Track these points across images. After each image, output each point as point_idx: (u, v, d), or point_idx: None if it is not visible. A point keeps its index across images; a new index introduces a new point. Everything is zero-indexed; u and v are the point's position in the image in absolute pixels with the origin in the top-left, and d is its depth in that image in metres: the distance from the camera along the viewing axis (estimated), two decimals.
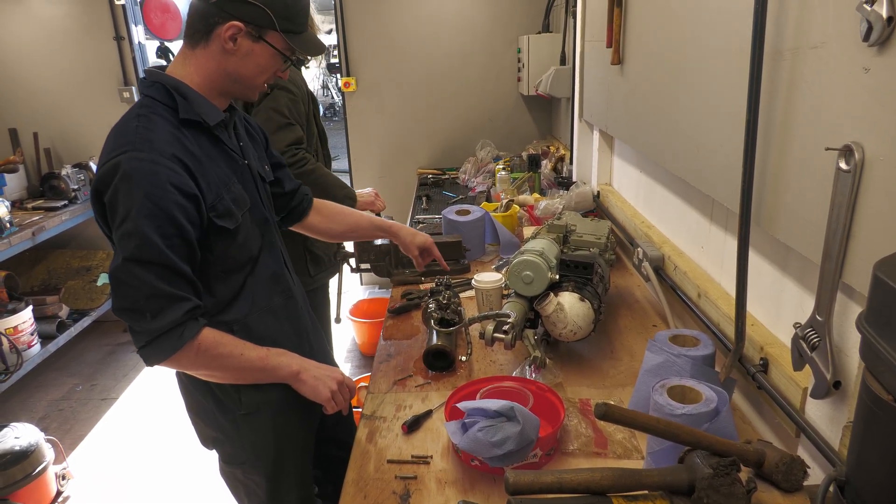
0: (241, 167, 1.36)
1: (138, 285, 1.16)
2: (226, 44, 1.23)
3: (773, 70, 1.11)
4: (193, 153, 1.23)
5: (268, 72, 1.30)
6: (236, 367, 1.29)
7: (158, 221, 1.15)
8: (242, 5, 1.20)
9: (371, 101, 4.31)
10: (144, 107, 1.24)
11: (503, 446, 1.14)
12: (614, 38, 2.06)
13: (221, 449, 1.51)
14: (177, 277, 1.19)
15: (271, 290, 1.42)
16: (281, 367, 1.34)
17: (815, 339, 1.00)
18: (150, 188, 1.14)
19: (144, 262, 1.15)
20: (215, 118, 1.29)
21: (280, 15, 1.23)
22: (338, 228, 1.75)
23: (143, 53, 4.29)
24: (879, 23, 0.81)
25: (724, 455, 0.89)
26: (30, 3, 4.07)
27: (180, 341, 1.19)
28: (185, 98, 1.25)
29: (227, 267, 1.32)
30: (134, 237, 1.14)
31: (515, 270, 1.57)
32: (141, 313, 1.17)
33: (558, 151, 3.58)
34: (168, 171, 1.16)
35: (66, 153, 4.36)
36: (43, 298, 3.86)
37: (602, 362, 1.62)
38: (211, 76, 1.27)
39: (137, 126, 1.20)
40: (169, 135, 1.21)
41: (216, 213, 1.25)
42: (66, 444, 3.12)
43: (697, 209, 1.72)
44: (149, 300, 1.16)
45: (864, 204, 0.89)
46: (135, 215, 1.14)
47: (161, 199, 1.15)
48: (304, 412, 1.50)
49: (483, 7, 4.13)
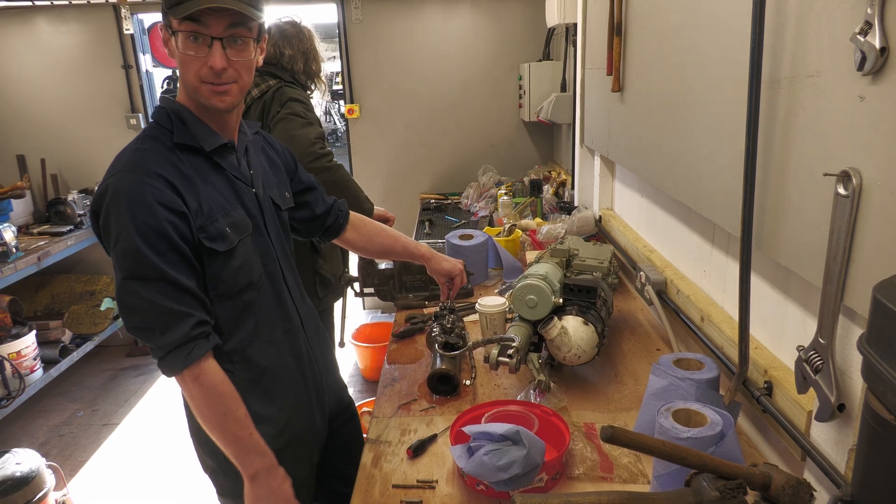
0: (244, 192, 1.35)
1: (142, 303, 1.17)
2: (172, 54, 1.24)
3: (770, 98, 1.14)
4: (186, 175, 1.24)
5: (188, 63, 1.20)
6: (216, 422, 1.25)
7: (149, 238, 1.16)
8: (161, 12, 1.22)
9: (374, 128, 4.37)
10: (147, 131, 1.28)
11: (509, 470, 1.14)
12: (614, 65, 2.10)
13: (216, 480, 1.48)
14: (179, 292, 1.20)
15: (272, 320, 1.41)
16: (245, 461, 1.28)
17: (819, 361, 1.01)
18: (137, 206, 1.16)
19: (143, 279, 1.17)
20: (213, 143, 1.29)
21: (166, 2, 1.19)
22: (371, 248, 1.77)
23: (150, 81, 4.36)
24: (873, 53, 0.84)
25: (731, 478, 0.89)
26: (41, 33, 4.15)
27: (188, 360, 1.20)
28: (183, 122, 1.27)
29: (221, 292, 1.30)
30: (129, 255, 1.16)
31: (519, 294, 1.58)
32: (151, 330, 1.19)
33: (560, 176, 3.61)
34: (152, 190, 1.18)
35: (72, 179, 4.41)
36: (46, 323, 3.87)
37: (606, 386, 1.62)
38: (183, 93, 1.29)
39: (134, 149, 1.23)
40: (161, 157, 1.23)
41: (206, 234, 1.25)
42: (66, 470, 3.10)
43: (699, 233, 1.74)
44: (156, 317, 1.18)
45: (863, 228, 0.91)
46: (126, 234, 1.15)
47: (148, 216, 1.16)
48: (304, 451, 1.49)
49: (485, 35, 4.21)
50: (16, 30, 4.15)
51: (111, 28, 4.13)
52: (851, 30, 0.88)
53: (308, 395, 1.50)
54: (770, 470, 0.96)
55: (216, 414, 1.24)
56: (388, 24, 4.17)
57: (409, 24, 4.19)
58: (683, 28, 1.55)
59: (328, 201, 1.68)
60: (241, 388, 1.33)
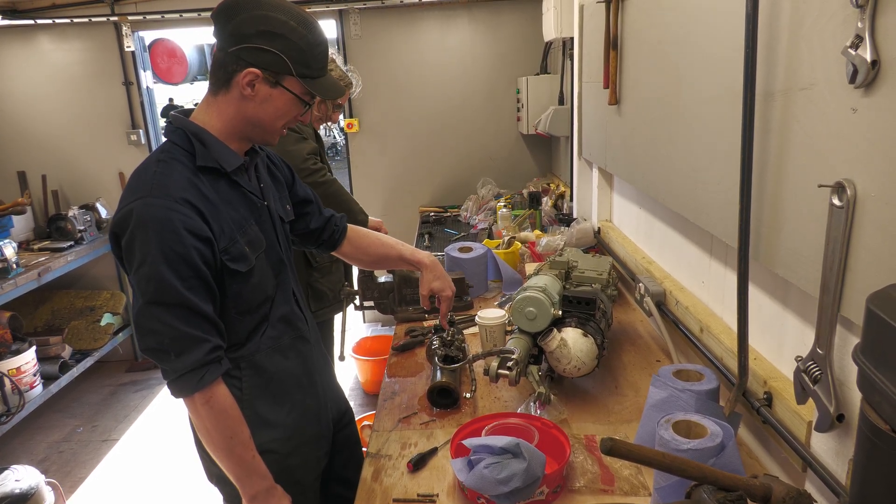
0: (259, 208, 1.39)
1: (160, 328, 1.19)
2: (244, 90, 1.26)
3: (765, 110, 1.15)
4: (208, 198, 1.27)
5: (286, 116, 1.32)
6: (222, 445, 1.27)
7: (175, 265, 1.18)
8: (259, 53, 1.24)
9: (374, 141, 4.39)
10: (165, 152, 1.28)
11: (509, 483, 1.14)
12: (611, 79, 2.12)
13: (223, 488, 1.49)
14: (198, 318, 1.22)
15: (282, 329, 1.44)
16: (247, 483, 1.31)
17: (817, 372, 1.01)
18: (165, 233, 1.18)
19: (165, 304, 1.19)
20: (233, 164, 1.32)
21: (296, 60, 1.26)
22: (367, 259, 1.77)
23: (151, 98, 4.39)
24: (864, 66, 0.85)
25: (731, 490, 0.89)
26: (42, 51, 4.19)
27: (200, 384, 1.22)
28: (203, 145, 1.29)
29: (242, 308, 1.34)
30: (153, 281, 1.18)
31: (518, 307, 1.59)
32: (166, 353, 1.20)
33: (558, 189, 3.62)
34: (181, 216, 1.20)
35: (73, 195, 4.43)
36: (46, 339, 3.87)
37: (607, 398, 1.62)
38: (231, 121, 1.31)
39: (156, 171, 1.24)
40: (185, 180, 1.24)
41: (229, 256, 1.28)
42: (66, 486, 3.08)
43: (697, 245, 1.75)
44: (173, 341, 1.20)
45: (858, 238, 0.92)
46: (151, 260, 1.17)
47: (176, 244, 1.18)
48: (311, 456, 1.51)
49: (483, 49, 4.24)
50: (18, 48, 4.19)
51: (112, 45, 4.17)
52: (843, 43, 0.89)
53: (315, 401, 1.52)
54: (770, 481, 0.96)
55: (223, 437, 1.26)
56: (386, 39, 4.21)
57: (408, 38, 4.22)
58: (679, 42, 1.57)
59: (325, 214, 1.69)
60: (250, 394, 1.37)
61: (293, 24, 1.24)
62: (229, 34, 1.24)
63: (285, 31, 1.23)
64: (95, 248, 4.14)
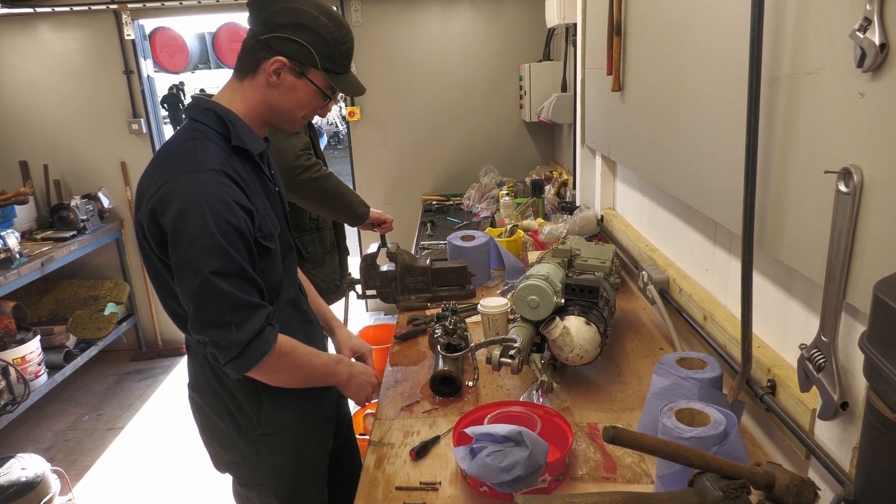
0: (273, 194, 1.43)
1: (223, 299, 1.21)
2: (270, 77, 1.31)
3: (770, 96, 1.14)
4: (242, 176, 1.30)
5: (308, 107, 1.37)
6: (306, 373, 1.39)
7: (230, 236, 1.21)
8: (288, 43, 1.28)
9: (375, 130, 4.37)
10: (196, 131, 1.30)
11: (512, 471, 1.14)
12: (614, 65, 2.10)
13: (237, 472, 1.52)
14: (252, 287, 1.26)
15: (290, 312, 1.48)
16: (337, 375, 1.47)
17: (821, 359, 1.00)
18: (218, 205, 1.20)
19: (226, 276, 1.21)
20: (258, 148, 1.36)
21: (323, 54, 1.31)
22: None
23: (151, 87, 4.37)
24: (872, 50, 0.84)
25: (734, 478, 0.89)
26: (42, 39, 4.17)
27: (266, 346, 1.26)
28: (234, 126, 1.32)
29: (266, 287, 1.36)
30: (213, 252, 1.19)
31: (521, 295, 1.58)
32: (227, 326, 1.22)
33: (561, 176, 3.61)
34: (230, 189, 1.23)
35: (75, 184, 4.42)
36: (51, 328, 3.88)
37: (609, 386, 1.61)
38: (255, 107, 1.35)
39: (195, 148, 1.26)
40: (221, 157, 1.27)
41: (262, 233, 1.31)
42: (71, 474, 3.11)
43: (701, 232, 1.74)
44: (234, 312, 1.22)
45: (864, 225, 0.91)
46: (209, 232, 1.19)
47: (230, 215, 1.21)
48: (322, 435, 1.56)
49: (485, 37, 4.21)
50: (18, 37, 4.16)
51: (112, 34, 4.15)
52: (851, 26, 0.87)
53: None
54: (774, 469, 0.96)
55: (303, 365, 1.36)
56: (388, 27, 4.18)
57: (409, 25, 4.19)
58: (683, 27, 1.55)
59: None
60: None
61: (324, 19, 1.30)
62: (262, 22, 1.29)
63: (316, 25, 1.28)
64: (98, 238, 4.14)
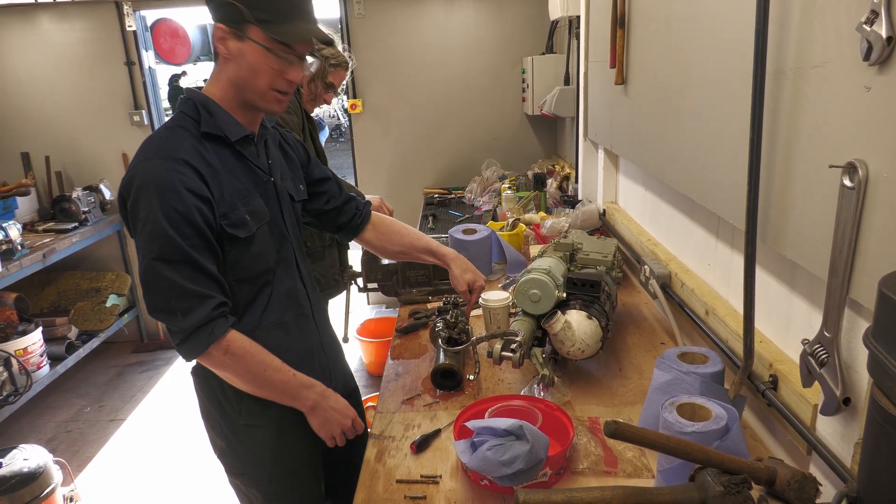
0: (265, 183, 1.41)
1: (166, 285, 1.21)
2: (221, 51, 1.27)
3: (775, 89, 1.13)
4: (210, 164, 1.29)
5: (265, 72, 1.26)
6: (257, 383, 1.34)
7: (176, 223, 1.20)
8: (220, 7, 1.23)
9: (377, 123, 4.36)
10: (174, 120, 1.31)
11: (512, 465, 1.14)
12: (617, 58, 2.09)
13: (224, 460, 1.53)
14: (202, 276, 1.24)
15: (284, 305, 1.45)
16: (299, 399, 1.39)
17: (824, 355, 1.00)
18: (166, 192, 1.20)
19: (168, 262, 1.21)
20: (237, 134, 1.34)
21: (253, 6, 1.20)
22: (392, 248, 1.75)
23: (153, 78, 4.36)
24: (879, 43, 0.83)
25: (735, 473, 0.88)
26: (43, 30, 4.15)
27: (211, 338, 1.25)
28: (209, 113, 1.31)
29: (241, 276, 1.36)
30: (156, 238, 1.20)
31: (523, 289, 1.58)
32: (173, 312, 1.22)
33: (564, 170, 3.60)
34: (181, 176, 1.22)
35: (77, 176, 4.42)
36: (52, 320, 3.89)
37: (611, 380, 1.61)
38: (225, 88, 1.32)
39: (161, 136, 1.27)
40: (188, 145, 1.27)
41: (228, 221, 1.30)
42: (74, 465, 3.12)
43: (703, 227, 1.73)
44: (179, 299, 1.22)
45: (869, 220, 0.90)
46: (154, 217, 1.19)
47: (177, 202, 1.21)
48: (306, 431, 1.50)
49: (488, 30, 4.19)
50: (19, 27, 4.15)
51: (113, 25, 4.13)
52: (857, 19, 0.86)
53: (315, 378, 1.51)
54: (775, 464, 0.96)
55: (255, 374, 1.31)
56: (390, 19, 4.16)
57: (412, 18, 4.17)
58: (687, 20, 1.54)
59: (344, 197, 1.68)
60: None
61: None
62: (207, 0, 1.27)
63: None
64: (100, 230, 4.14)
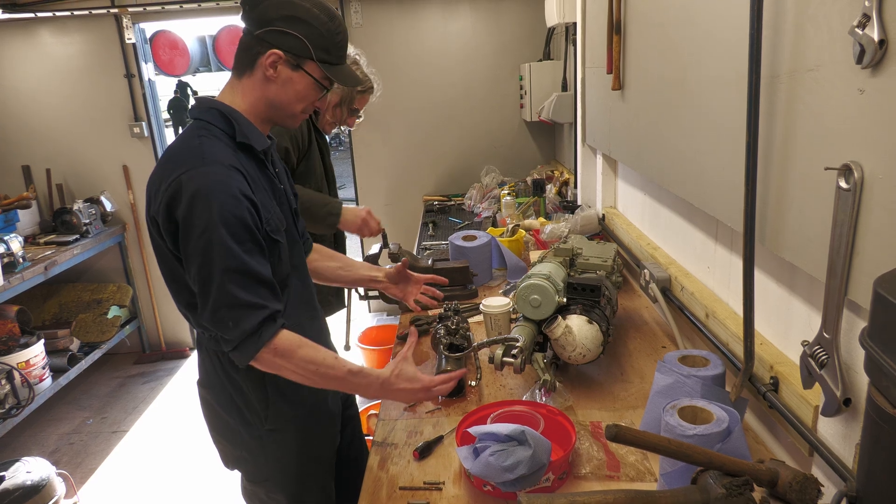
0: (279, 191, 1.44)
1: (220, 296, 1.23)
2: (267, 71, 1.32)
3: (770, 93, 1.14)
4: (249, 173, 1.32)
5: (306, 100, 1.38)
6: (315, 379, 1.33)
7: (234, 228, 1.22)
8: (283, 36, 1.30)
9: (376, 130, 4.37)
10: (202, 129, 1.32)
11: (515, 471, 1.14)
12: (614, 64, 2.10)
13: (245, 468, 1.54)
14: (255, 283, 1.26)
15: (300, 307, 1.49)
16: (365, 391, 1.39)
17: (824, 356, 1.00)
18: (225, 198, 1.22)
19: (225, 271, 1.22)
20: (262, 144, 1.38)
21: (317, 46, 1.31)
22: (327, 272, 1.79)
23: (153, 90, 4.38)
24: (871, 46, 0.84)
25: (737, 475, 0.89)
26: (43, 43, 4.18)
27: (259, 343, 1.25)
28: (238, 123, 1.34)
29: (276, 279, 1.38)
30: (214, 247, 1.21)
31: (523, 294, 1.58)
32: (224, 322, 1.24)
33: (562, 176, 3.61)
34: (236, 182, 1.25)
35: (78, 188, 4.43)
36: (54, 332, 3.89)
37: (612, 385, 1.62)
38: (255, 103, 1.36)
39: (201, 143, 1.28)
40: (230, 152, 1.30)
41: (270, 227, 1.33)
42: (77, 477, 3.12)
43: (702, 230, 1.74)
44: (230, 310, 1.23)
45: (865, 221, 0.91)
46: (213, 225, 1.21)
47: (235, 207, 1.23)
48: (328, 432, 1.56)
49: (486, 37, 4.21)
50: (19, 41, 4.18)
51: (113, 37, 4.15)
52: (850, 23, 0.87)
53: None
54: (777, 466, 0.96)
55: (310, 372, 1.31)
56: (388, 28, 4.18)
57: (409, 26, 4.19)
58: (682, 25, 1.55)
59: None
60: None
61: (316, 11, 1.31)
62: (256, 17, 1.30)
63: (309, 17, 1.30)
64: (101, 241, 4.15)
